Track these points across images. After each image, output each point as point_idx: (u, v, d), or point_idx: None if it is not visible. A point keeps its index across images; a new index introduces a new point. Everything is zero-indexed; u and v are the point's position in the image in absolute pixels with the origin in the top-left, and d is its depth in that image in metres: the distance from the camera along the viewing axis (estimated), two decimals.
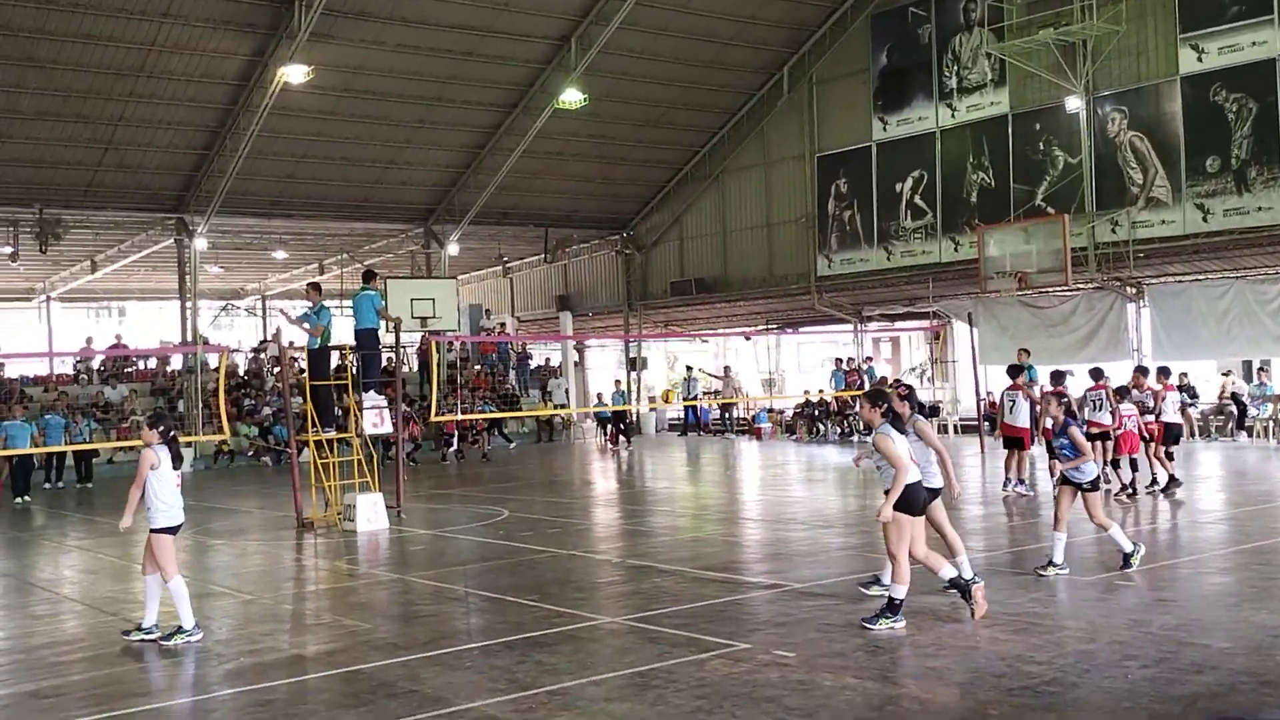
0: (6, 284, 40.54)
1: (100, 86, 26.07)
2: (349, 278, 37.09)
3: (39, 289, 41.51)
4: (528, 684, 7.69)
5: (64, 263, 36.85)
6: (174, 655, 9.02)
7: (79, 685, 8.24)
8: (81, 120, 26.77)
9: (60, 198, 29.00)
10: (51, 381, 31.97)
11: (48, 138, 27.13)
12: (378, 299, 17.11)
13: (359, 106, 29.44)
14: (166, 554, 9.33)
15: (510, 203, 34.94)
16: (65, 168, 28.34)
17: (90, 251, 35.41)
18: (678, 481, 23.49)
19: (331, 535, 15.59)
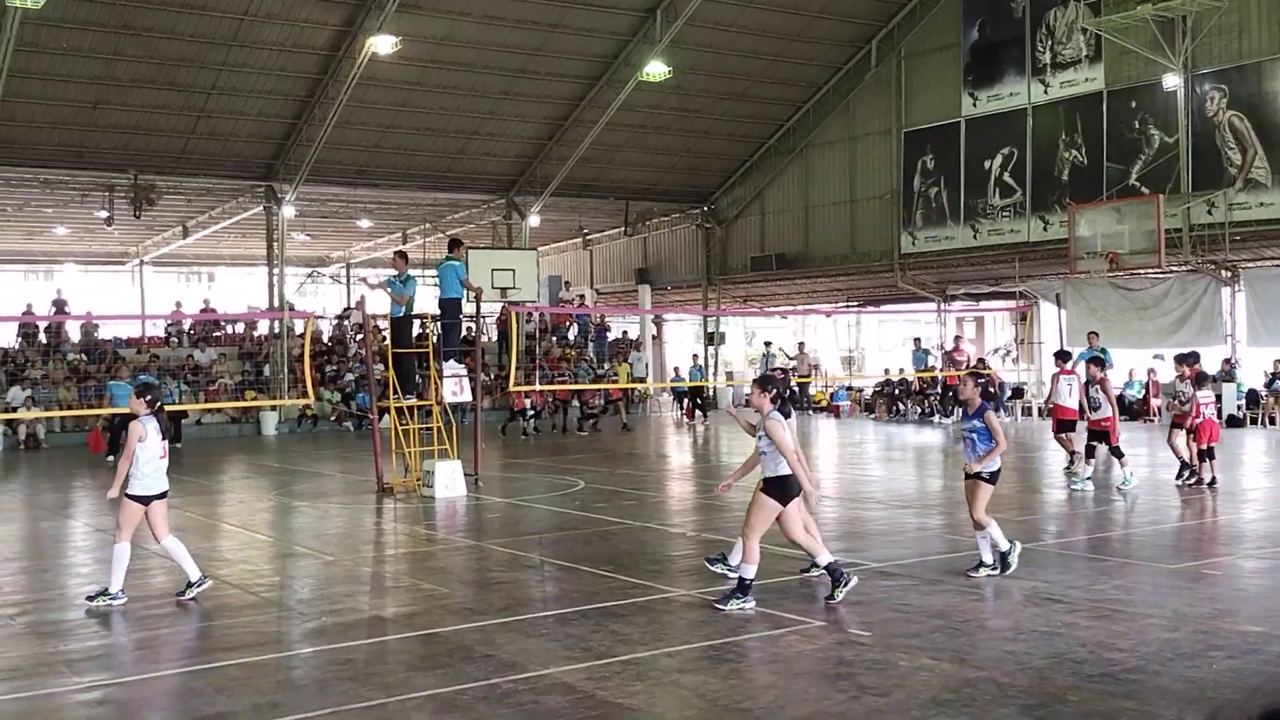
0: (102, 248, 41.66)
1: (194, 55, 26.56)
2: (432, 247, 37.48)
3: (132, 253, 42.61)
4: (602, 653, 7.73)
5: (157, 228, 37.72)
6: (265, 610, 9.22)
7: (168, 638, 8.47)
8: (176, 88, 27.30)
9: (154, 164, 29.66)
10: (143, 344, 32.80)
11: (143, 105, 27.73)
12: (462, 269, 17.23)
13: (445, 77, 29.64)
14: (129, 519, 9.48)
15: (591, 175, 34.99)
16: (159, 135, 28.95)
17: (182, 217, 36.17)
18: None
19: (410, 501, 15.81)
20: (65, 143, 28.30)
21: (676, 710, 6.66)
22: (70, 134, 28.09)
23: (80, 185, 30.29)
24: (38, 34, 24.37)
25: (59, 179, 29.58)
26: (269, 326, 33.05)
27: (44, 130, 27.70)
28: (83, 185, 30.30)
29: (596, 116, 31.73)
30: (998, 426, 9.62)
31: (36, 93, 26.28)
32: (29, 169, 28.70)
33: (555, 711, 6.58)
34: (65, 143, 28.30)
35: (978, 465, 9.56)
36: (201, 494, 17.89)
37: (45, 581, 10.55)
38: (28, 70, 25.23)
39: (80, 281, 43.18)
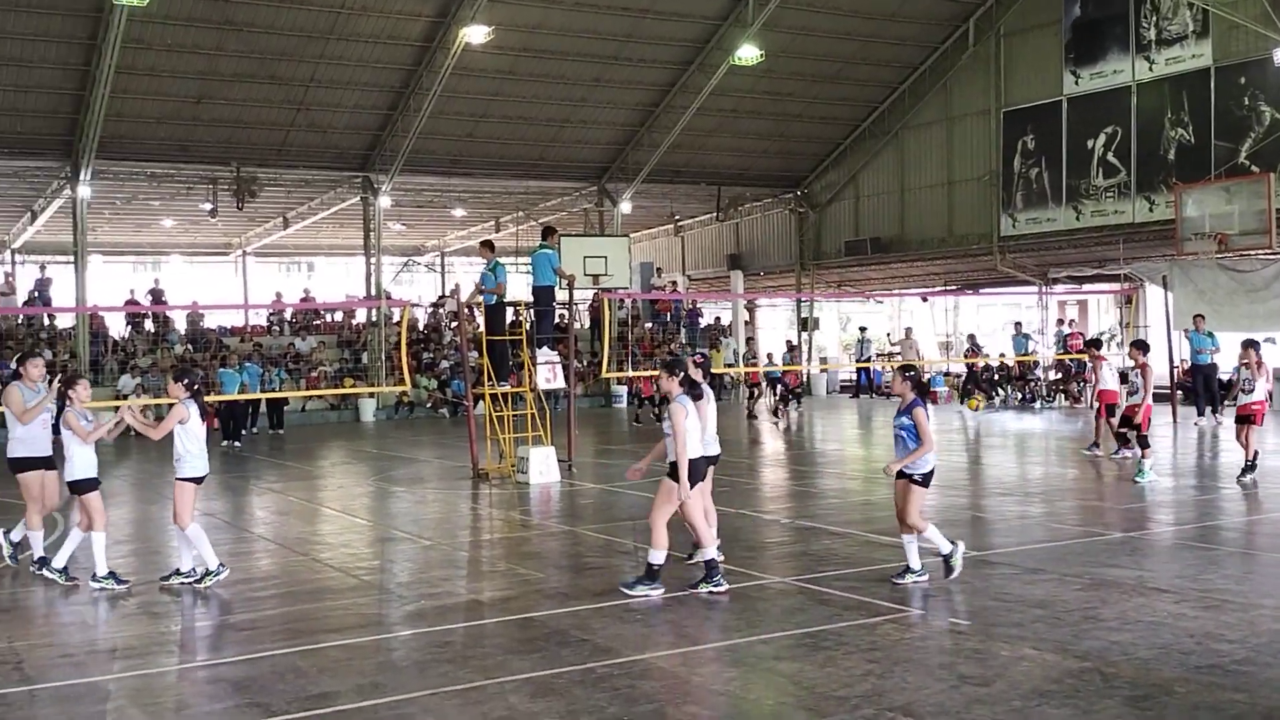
0: (206, 239, 42.75)
1: (293, 49, 27.06)
2: (524, 235, 37.75)
3: (235, 244, 43.67)
4: (696, 638, 7.73)
5: (258, 219, 38.58)
6: (366, 593, 9.39)
7: (272, 619, 8.66)
8: (275, 82, 27.85)
9: (255, 157, 30.30)
10: (246, 332, 33.62)
11: (244, 99, 28.34)
12: (555, 257, 17.33)
13: (537, 65, 29.79)
14: (186, 501, 9.68)
15: (683, 161, 34.91)
16: (260, 128, 29.57)
17: (282, 208, 36.94)
18: (848, 444, 23.20)
19: (505, 486, 15.97)
20: (171, 137, 29.05)
21: (772, 697, 6.63)
22: (175, 128, 28.83)
23: (185, 178, 31.08)
24: (144, 31, 25.04)
25: (165, 173, 30.38)
26: (367, 315, 33.62)
27: (150, 125, 28.47)
28: (187, 178, 31.09)
29: (688, 102, 31.63)
30: (926, 426, 8.95)
31: (143, 88, 27.01)
32: (137, 163, 29.52)
33: (650, 696, 6.59)
34: (171, 137, 29.05)
35: (897, 465, 9.00)
36: (303, 479, 18.29)
37: (154, 563, 10.86)
38: (134, 67, 25.95)
39: (185, 272, 44.38)
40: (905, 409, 9.09)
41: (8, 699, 6.79)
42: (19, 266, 38.31)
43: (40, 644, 8.10)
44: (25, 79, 25.95)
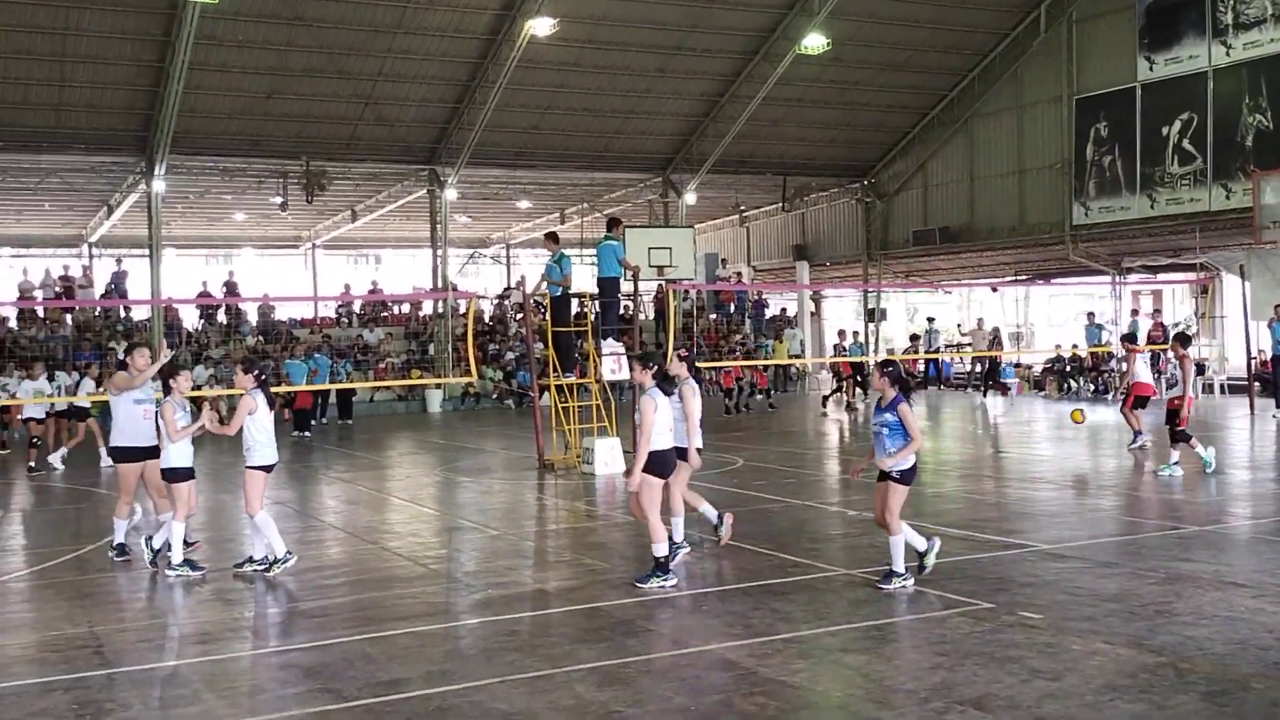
0: (277, 232, 43.38)
1: (361, 44, 27.34)
2: (589, 227, 37.84)
3: (305, 237, 44.27)
4: (763, 630, 7.70)
5: (327, 212, 39.06)
6: (434, 581, 9.47)
7: (343, 607, 8.77)
8: (344, 77, 28.15)
9: (324, 151, 30.67)
10: (316, 324, 34.08)
11: (314, 94, 28.69)
12: (620, 248, 17.34)
13: (601, 57, 29.81)
14: (256, 489, 9.80)
15: (748, 151, 34.76)
16: (329, 122, 29.92)
17: (350, 202, 37.36)
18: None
19: (570, 477, 16.02)
20: (242, 132, 29.50)
21: (840, 689, 6.58)
22: (247, 123, 29.27)
23: (256, 173, 31.55)
24: (216, 28, 25.44)
25: (237, 167, 30.86)
26: (433, 306, 33.92)
27: (222, 120, 28.92)
28: (258, 173, 31.56)
29: (753, 91, 31.47)
30: (913, 421, 8.68)
31: (215, 84, 27.44)
32: (209, 158, 30.01)
33: (718, 687, 6.57)
34: (242, 132, 29.50)
35: (889, 462, 8.67)
36: (371, 469, 18.50)
37: (227, 551, 11.05)
38: (206, 63, 26.37)
39: (256, 265, 45.06)
40: (887, 406, 8.75)
41: (88, 682, 6.95)
42: (96, 260, 39.20)
43: (118, 629, 8.28)
44: (102, 76, 26.50)
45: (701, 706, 6.25)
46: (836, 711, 6.27)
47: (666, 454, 9.16)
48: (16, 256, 40.11)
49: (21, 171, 29.22)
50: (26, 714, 6.37)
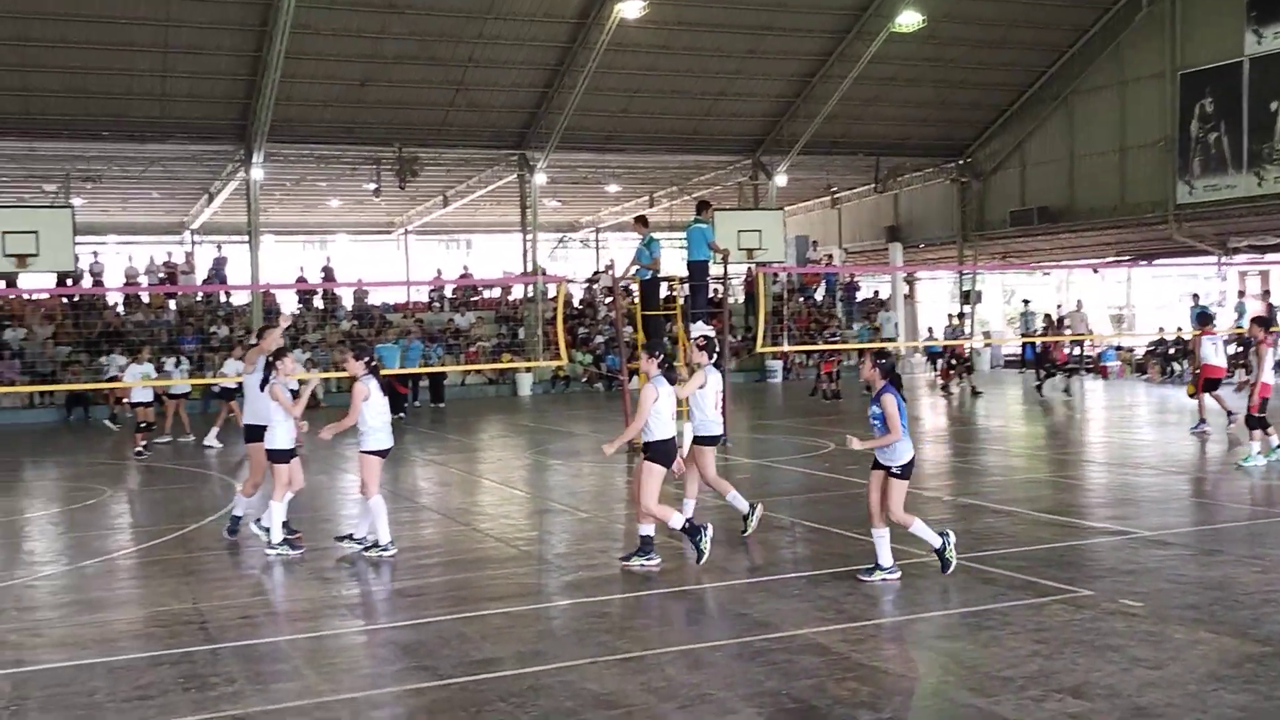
0: (370, 218, 44.03)
1: (452, 30, 27.57)
2: (678, 210, 37.77)
3: (397, 223, 44.88)
4: (855, 615, 7.62)
5: (419, 198, 39.52)
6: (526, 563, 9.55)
7: (437, 587, 8.89)
8: (436, 63, 28.43)
9: (417, 137, 31.01)
10: (408, 309, 34.56)
11: (406, 80, 29.02)
12: (710, 231, 17.28)
13: (691, 39, 29.68)
14: (373, 474, 9.90)
15: (840, 131, 34.36)
16: (421, 108, 30.24)
17: (442, 187, 37.76)
18: (1013, 420, 22.56)
19: None
20: (337, 119, 29.96)
21: (934, 675, 6.49)
22: (341, 111, 29.71)
23: (350, 159, 32.03)
24: (311, 17, 25.85)
25: (331, 154, 31.36)
26: (523, 291, 34.16)
27: (317, 108, 29.40)
28: (352, 159, 32.03)
29: (846, 71, 31.08)
30: (894, 413, 8.38)
31: (310, 72, 27.90)
32: (305, 145, 30.54)
33: (809, 671, 6.52)
34: (337, 119, 29.96)
35: (860, 445, 8.49)
36: (463, 451, 18.73)
37: (323, 531, 11.26)
38: (303, 52, 26.81)
39: (350, 250, 45.81)
40: (874, 397, 8.56)
41: (193, 656, 7.14)
42: (197, 246, 40.18)
43: (221, 605, 8.49)
44: (202, 66, 27.11)
45: (793, 690, 6.21)
46: (931, 698, 6.19)
47: (669, 443, 9.25)
48: (122, 244, 41.30)
49: (127, 161, 30.03)
50: (135, 686, 6.57)
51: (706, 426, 10.33)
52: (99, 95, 27.23)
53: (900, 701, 6.11)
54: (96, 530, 12.08)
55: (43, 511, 13.58)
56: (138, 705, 6.25)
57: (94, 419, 26.72)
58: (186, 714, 6.09)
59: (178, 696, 6.39)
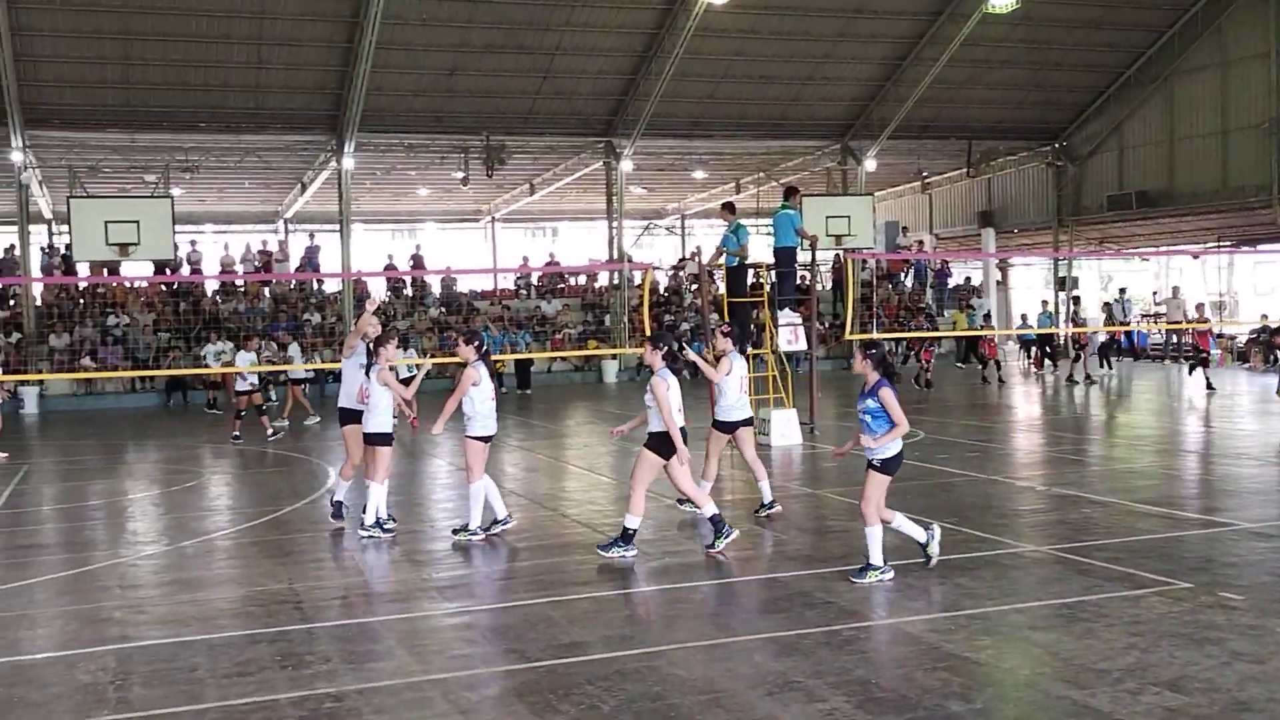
0: (458, 206, 44.47)
1: (540, 18, 27.69)
2: (765, 196, 37.53)
3: (484, 210, 45.27)
4: (946, 606, 7.53)
5: (506, 185, 39.81)
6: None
7: (525, 571, 8.98)
8: (523, 51, 28.58)
9: (503, 125, 31.24)
10: (495, 296, 34.86)
11: (493, 69, 29.22)
12: (797, 218, 17.15)
13: (779, 23, 29.44)
14: (478, 459, 9.97)
15: (931, 115, 33.85)
16: (508, 97, 30.44)
17: (529, 175, 37.99)
18: (1109, 408, 22.06)
19: None
20: (426, 109, 30.30)
21: (1028, 667, 6.38)
22: (430, 100, 30.03)
23: (439, 148, 32.37)
24: (401, 7, 26.15)
25: (420, 143, 31.72)
26: (609, 278, 34.25)
27: (407, 98, 29.76)
28: (441, 148, 32.37)
29: (937, 54, 30.58)
30: (896, 405, 8.13)
31: (400, 63, 28.24)
32: (395, 135, 30.94)
33: (899, 661, 6.46)
34: (426, 109, 30.30)
35: (872, 443, 8.21)
36: (549, 437, 18.85)
37: (416, 514, 11.42)
38: (392, 42, 27.15)
39: (438, 238, 46.34)
40: (869, 390, 8.24)
41: (289, 635, 7.30)
42: (291, 235, 40.97)
43: (316, 586, 8.67)
44: (296, 58, 27.59)
45: (882, 679, 6.16)
46: (1024, 689, 6.09)
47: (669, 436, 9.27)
48: (219, 232, 42.27)
49: (223, 151, 30.71)
50: (234, 663, 6.73)
51: (729, 411, 10.95)
52: (197, 88, 27.88)
53: (992, 693, 6.02)
54: (195, 511, 12.40)
55: (144, 493, 13.98)
56: (237, 681, 6.41)
57: (192, 404, 27.44)
58: (284, 691, 6.23)
59: (275, 674, 6.53)
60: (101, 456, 17.85)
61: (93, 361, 27.72)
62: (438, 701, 6.02)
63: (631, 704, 5.88)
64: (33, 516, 12.44)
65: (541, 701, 5.97)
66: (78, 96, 27.50)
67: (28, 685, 6.45)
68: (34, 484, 14.91)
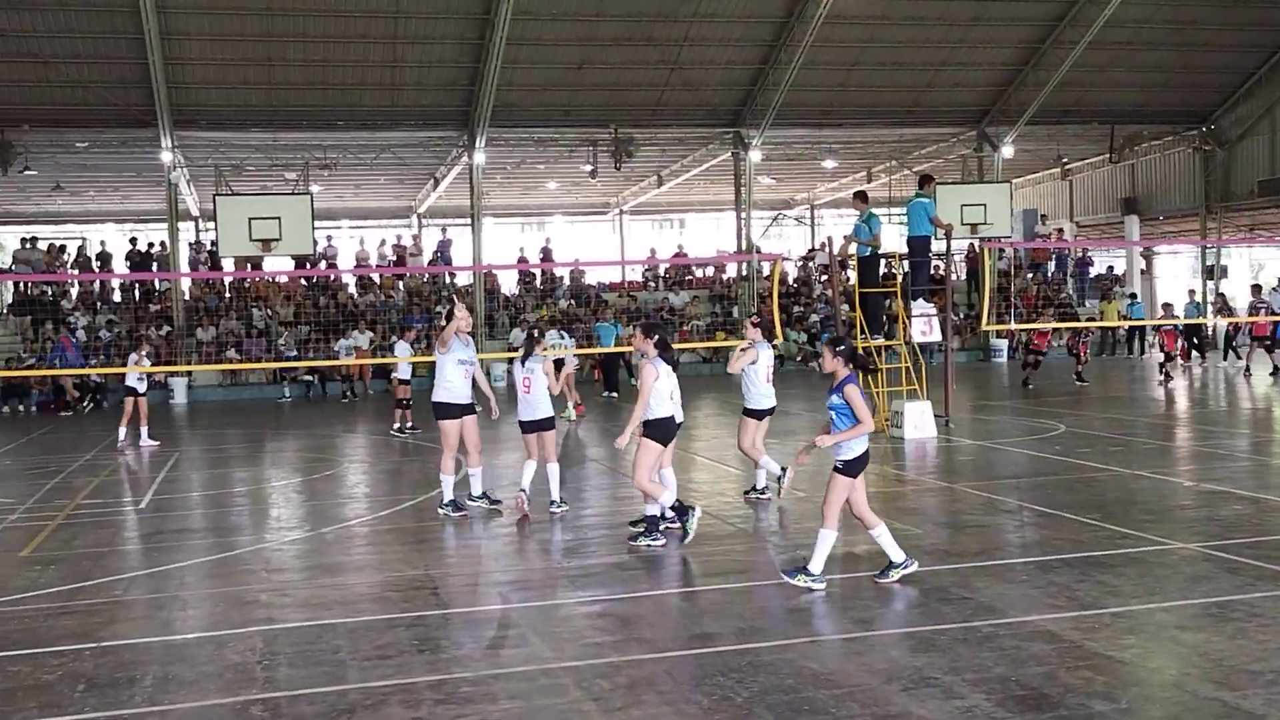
0: (586, 199, 44.85)
1: (668, 9, 27.70)
2: (897, 185, 36.93)
3: (612, 203, 45.53)
4: (1089, 603, 7.29)
5: (634, 178, 39.98)
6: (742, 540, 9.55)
7: (654, 561, 8.97)
8: (651, 43, 28.64)
9: (631, 118, 31.35)
10: (623, 288, 35.02)
11: (622, 62, 29.36)
12: (932, 206, 16.83)
13: (912, 8, 28.92)
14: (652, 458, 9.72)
15: (1071, 99, 32.88)
16: (637, 89, 30.54)
17: (656, 167, 38.07)
18: (1266, 401, 21.10)
19: (878, 441, 15.70)
20: (555, 103, 30.59)
21: (1175, 667, 6.14)
22: (559, 94, 30.31)
23: (567, 142, 32.67)
24: (531, 3, 26.44)
25: (549, 137, 32.06)
26: (737, 269, 34.10)
27: (536, 92, 30.09)
28: (569, 142, 32.66)
29: (1078, 36, 29.67)
30: (860, 403, 7.79)
31: (530, 58, 28.57)
32: (524, 129, 31.33)
33: (1040, 658, 6.28)
34: (555, 103, 30.59)
35: (830, 440, 7.90)
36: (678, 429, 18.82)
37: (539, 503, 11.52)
38: (523, 38, 27.48)
39: (567, 231, 46.80)
40: (836, 387, 7.94)
41: (426, 620, 7.44)
42: (424, 229, 41.83)
43: (451, 573, 8.83)
44: (428, 55, 28.13)
45: (1022, 677, 5.99)
46: (1171, 690, 5.85)
47: (667, 421, 9.43)
48: (355, 228, 43.41)
49: (359, 148, 31.50)
50: (374, 646, 6.89)
51: (758, 399, 11.11)
52: (336, 87, 28.66)
53: (1138, 693, 5.80)
54: (335, 499, 12.74)
55: (285, 480, 14.42)
56: (377, 664, 6.56)
57: (330, 395, 28.24)
58: (422, 674, 6.35)
59: (413, 657, 6.67)
60: (245, 445, 18.50)
61: (237, 353, 28.74)
62: (571, 689, 6.07)
63: (764, 696, 5.84)
64: (182, 502, 12.95)
65: (673, 692, 5.96)
66: (223, 98, 28.53)
67: (181, 664, 6.70)
68: (183, 471, 15.52)
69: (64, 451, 17.85)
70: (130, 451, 17.50)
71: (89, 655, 6.88)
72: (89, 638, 7.23)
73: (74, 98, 27.53)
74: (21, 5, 24.83)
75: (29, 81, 26.98)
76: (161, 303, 31.20)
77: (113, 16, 25.45)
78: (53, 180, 34.40)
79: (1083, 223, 41.27)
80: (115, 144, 29.50)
